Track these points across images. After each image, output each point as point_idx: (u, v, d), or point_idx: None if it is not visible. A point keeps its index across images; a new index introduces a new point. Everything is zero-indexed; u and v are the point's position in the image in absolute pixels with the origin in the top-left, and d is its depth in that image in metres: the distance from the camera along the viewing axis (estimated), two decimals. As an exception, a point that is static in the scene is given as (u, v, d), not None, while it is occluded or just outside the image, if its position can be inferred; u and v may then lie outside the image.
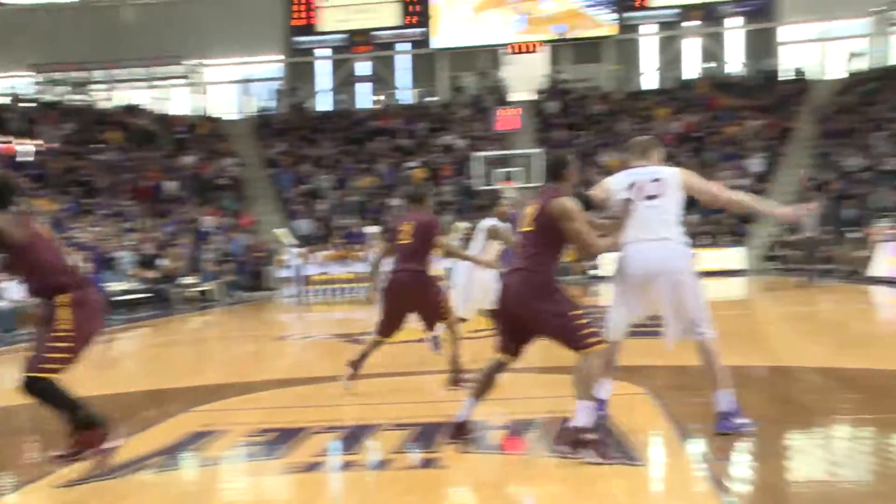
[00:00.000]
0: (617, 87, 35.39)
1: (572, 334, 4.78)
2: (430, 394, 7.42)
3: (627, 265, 5.19)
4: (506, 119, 31.71)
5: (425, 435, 5.59)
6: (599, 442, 4.67)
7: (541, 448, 5.22)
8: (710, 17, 35.87)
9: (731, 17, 36.12)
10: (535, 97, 34.58)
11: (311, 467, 4.97)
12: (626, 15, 35.63)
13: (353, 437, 5.69)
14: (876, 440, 5.33)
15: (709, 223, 25.48)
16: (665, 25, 36.55)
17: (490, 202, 11.12)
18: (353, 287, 24.34)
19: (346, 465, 5.13)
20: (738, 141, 30.55)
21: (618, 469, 4.66)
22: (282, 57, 37.01)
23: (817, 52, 35.68)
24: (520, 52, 35.57)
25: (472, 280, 9.31)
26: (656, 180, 5.24)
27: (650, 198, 5.17)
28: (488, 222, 9.33)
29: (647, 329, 5.62)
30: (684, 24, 36.13)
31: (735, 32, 36.69)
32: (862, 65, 34.48)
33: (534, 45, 35.52)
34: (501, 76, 35.67)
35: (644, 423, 5.71)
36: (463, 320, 8.80)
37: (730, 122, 31.59)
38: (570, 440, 4.67)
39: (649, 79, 36.95)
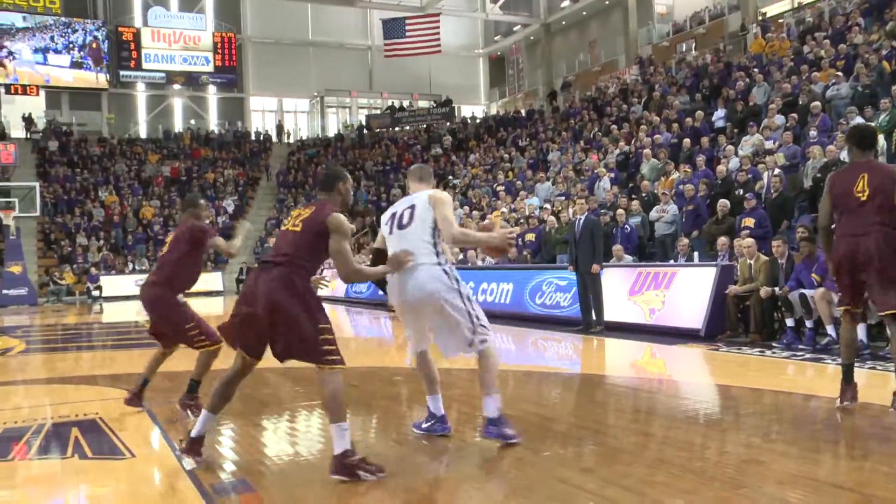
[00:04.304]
0: (112, 132, 36.79)
1: (320, 347, 4.23)
2: None
3: (391, 295, 4.91)
4: (4, 153, 30.70)
5: None
6: (362, 459, 4.21)
7: (32, 453, 5.05)
8: (193, 83, 38.88)
9: (209, 85, 39.51)
10: (33, 135, 34.41)
11: None
12: (121, 72, 37.27)
13: None
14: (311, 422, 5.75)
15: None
16: (154, 85, 38.79)
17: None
18: None
19: None
20: (216, 185, 33.83)
21: (107, 463, 4.70)
22: None
23: (275, 120, 40.68)
24: (17, 94, 35.19)
25: None
26: (411, 207, 4.90)
27: (402, 227, 4.87)
28: None
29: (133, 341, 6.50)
30: (172, 85, 38.88)
31: (213, 97, 40.43)
32: (306, 133, 40.70)
33: (33, 89, 35.47)
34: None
35: (131, 422, 5.81)
36: None
37: (210, 169, 34.85)
38: (341, 468, 4.15)
39: (142, 128, 38.91)
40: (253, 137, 38.76)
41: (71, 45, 36.23)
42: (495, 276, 15.07)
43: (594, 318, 11.57)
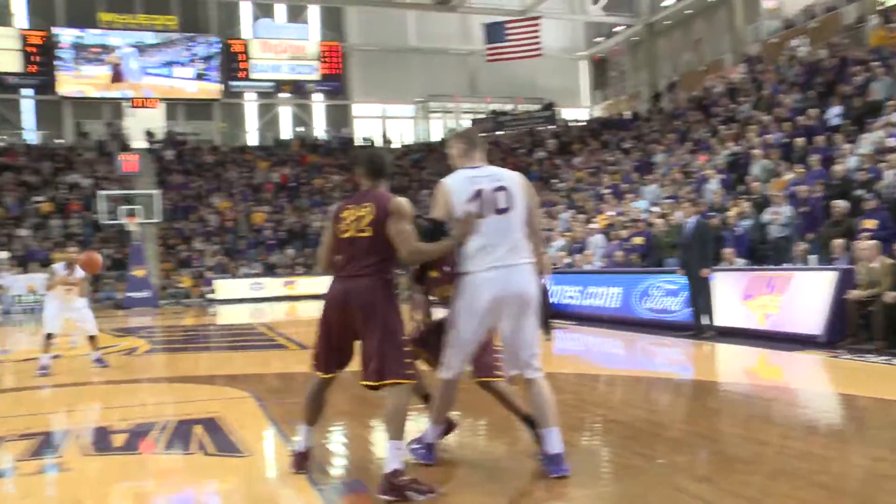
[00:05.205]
0: (224, 141, 38.02)
1: (397, 360, 4.05)
2: (52, 405, 7.68)
3: (483, 287, 4.19)
4: (128, 163, 32.19)
5: (49, 443, 5.63)
6: (413, 480, 3.99)
7: (158, 448, 5.28)
8: (299, 91, 39.78)
9: (315, 93, 40.34)
10: (153, 145, 35.85)
11: None
12: (231, 83, 38.40)
13: None
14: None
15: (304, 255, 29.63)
16: (263, 94, 39.85)
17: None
18: None
19: None
20: (324, 191, 34.32)
21: (228, 460, 4.85)
22: None
23: (380, 125, 41.04)
24: (140, 107, 36.77)
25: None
26: (502, 188, 4.26)
27: (500, 211, 4.23)
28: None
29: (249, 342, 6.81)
30: (279, 94, 39.88)
31: (319, 105, 41.23)
32: (410, 139, 41.04)
33: (153, 102, 36.98)
34: (123, 125, 36.56)
35: (249, 422, 5.97)
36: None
37: (317, 176, 35.46)
38: (390, 488, 3.93)
39: (252, 136, 40.03)
40: (358, 143, 39.27)
41: (195, 58, 37.81)
42: (603, 279, 14.88)
43: (705, 322, 11.26)
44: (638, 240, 15.75)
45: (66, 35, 36.19)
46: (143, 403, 7.63)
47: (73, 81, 36.40)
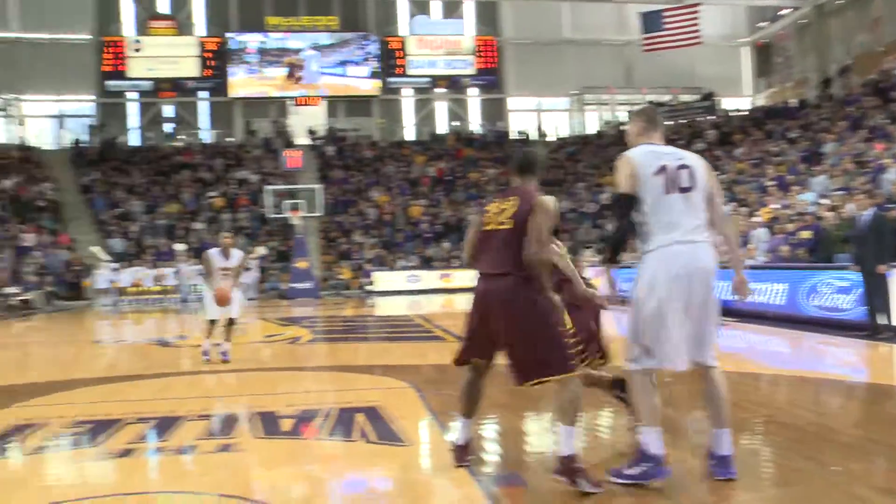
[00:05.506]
0: (382, 136, 39.07)
1: (556, 354, 4.01)
2: (224, 389, 8.07)
3: (665, 263, 3.98)
4: (292, 159, 33.61)
5: (224, 424, 6.00)
6: (585, 470, 3.97)
7: (322, 434, 5.49)
8: (455, 86, 40.41)
9: (470, 88, 40.86)
10: (315, 142, 37.39)
11: (125, 453, 5.09)
12: (389, 79, 39.47)
13: (163, 426, 5.84)
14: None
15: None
16: (420, 90, 40.71)
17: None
18: (161, 298, 25.94)
19: (157, 451, 5.26)
20: (479, 184, 34.55)
21: (389, 449, 4.96)
22: (94, 97, 37.86)
23: (534, 118, 41.06)
24: (303, 105, 38.57)
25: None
26: (686, 167, 4.12)
27: (684, 189, 4.07)
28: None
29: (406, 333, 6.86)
30: (435, 90, 40.60)
31: (474, 99, 41.54)
32: (565, 131, 40.62)
33: (315, 99, 38.84)
34: (288, 123, 38.32)
35: (408, 411, 6.07)
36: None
37: (472, 170, 35.80)
38: (565, 470, 3.95)
39: (409, 131, 40.90)
40: (513, 137, 39.30)
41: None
42: (767, 275, 14.17)
43: (882, 322, 10.50)
44: (805, 234, 14.96)
45: (251, 41, 38.46)
46: (307, 391, 7.96)
47: (247, 83, 38.57)
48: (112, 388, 7.80)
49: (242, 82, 38.45)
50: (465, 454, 4.46)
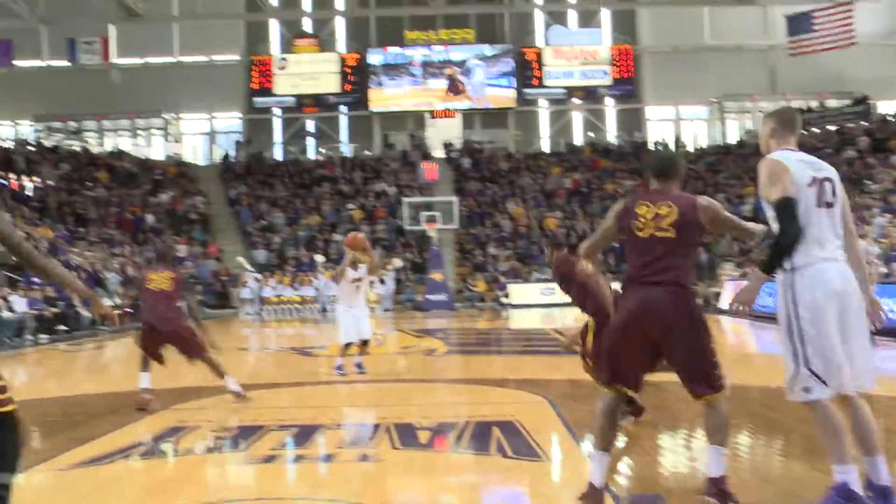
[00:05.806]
0: (518, 148, 39.12)
1: (712, 371, 3.85)
2: (361, 400, 8.25)
3: (818, 279, 3.70)
4: (429, 171, 34.31)
5: (363, 434, 6.20)
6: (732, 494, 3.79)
7: (460, 447, 5.51)
8: (591, 96, 39.93)
9: (607, 98, 40.27)
10: (452, 154, 37.75)
11: (269, 459, 5.31)
12: (525, 90, 39.39)
13: (304, 434, 6.03)
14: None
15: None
16: (556, 101, 40.58)
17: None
18: (302, 307, 26.62)
19: (298, 458, 5.48)
20: (616, 196, 32.99)
21: (527, 464, 4.91)
22: (240, 114, 39.84)
23: (672, 128, 40.04)
24: (440, 117, 39.10)
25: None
26: (829, 179, 3.84)
27: (830, 205, 3.82)
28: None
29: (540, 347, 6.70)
30: (571, 100, 40.25)
31: (610, 109, 40.99)
32: (704, 141, 39.36)
33: (452, 112, 39.25)
34: (425, 136, 38.93)
35: (543, 425, 6.01)
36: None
37: (609, 181, 35.14)
38: (716, 492, 3.78)
39: (544, 142, 40.79)
40: (650, 147, 38.37)
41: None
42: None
43: None
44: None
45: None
46: (442, 403, 7.98)
47: (411, 94, 39.50)
48: (255, 394, 8.04)
49: (400, 95, 39.27)
50: (598, 498, 3.95)
